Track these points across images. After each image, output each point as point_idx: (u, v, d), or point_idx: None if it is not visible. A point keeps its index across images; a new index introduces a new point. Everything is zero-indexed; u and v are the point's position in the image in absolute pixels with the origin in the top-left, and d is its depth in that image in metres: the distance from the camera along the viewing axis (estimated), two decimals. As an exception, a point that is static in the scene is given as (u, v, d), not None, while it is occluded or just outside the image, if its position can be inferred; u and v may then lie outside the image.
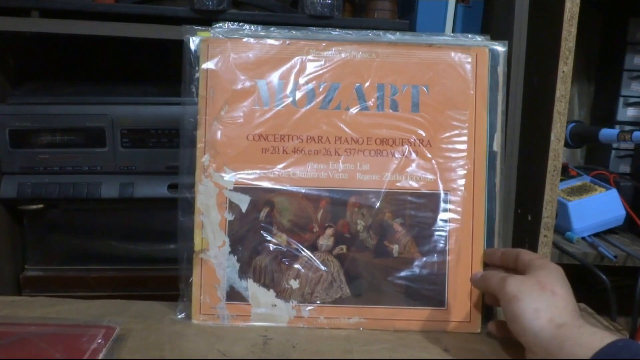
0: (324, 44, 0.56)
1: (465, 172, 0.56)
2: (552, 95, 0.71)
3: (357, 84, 0.56)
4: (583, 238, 0.87)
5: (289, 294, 0.55)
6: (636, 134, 0.78)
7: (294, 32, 0.58)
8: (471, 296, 0.55)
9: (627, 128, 0.99)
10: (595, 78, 1.13)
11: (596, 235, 0.88)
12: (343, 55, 0.56)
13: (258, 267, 0.55)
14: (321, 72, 0.56)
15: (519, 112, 0.71)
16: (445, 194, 0.56)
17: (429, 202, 0.56)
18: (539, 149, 0.73)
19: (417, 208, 0.56)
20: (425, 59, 0.56)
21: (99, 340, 0.48)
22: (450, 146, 0.56)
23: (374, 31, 0.59)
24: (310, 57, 0.56)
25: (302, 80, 0.56)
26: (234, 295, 0.55)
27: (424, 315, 0.55)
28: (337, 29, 0.59)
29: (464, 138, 0.56)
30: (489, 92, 0.56)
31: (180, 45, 0.68)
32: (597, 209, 0.87)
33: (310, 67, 0.56)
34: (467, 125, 0.56)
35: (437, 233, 0.56)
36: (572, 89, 1.11)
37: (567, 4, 0.70)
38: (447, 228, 0.56)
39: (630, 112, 1.03)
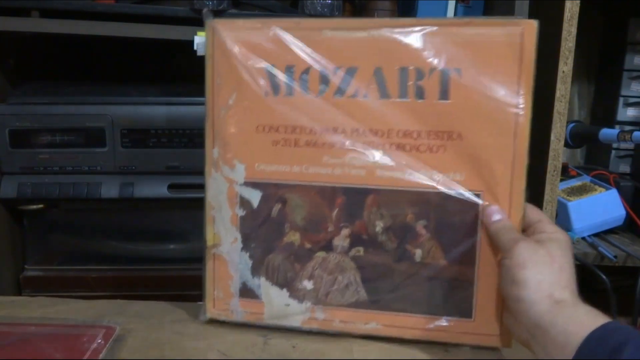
0: (339, 23, 0.50)
1: (502, 170, 0.48)
2: (552, 95, 0.71)
3: (376, 68, 0.49)
4: (583, 238, 0.87)
5: (303, 295, 0.52)
6: (636, 134, 0.78)
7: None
8: (502, 307, 0.49)
9: (627, 128, 0.99)
10: (595, 78, 1.13)
11: (596, 235, 0.88)
12: (361, 34, 0.49)
13: (271, 265, 0.52)
14: (336, 55, 0.50)
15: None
16: (478, 195, 0.49)
17: (458, 202, 0.49)
18: (539, 149, 0.73)
19: (443, 209, 0.49)
20: (459, 37, 0.48)
21: (99, 341, 0.48)
22: (485, 140, 0.48)
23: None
24: (323, 38, 0.50)
25: (315, 65, 0.50)
26: (247, 292, 0.52)
27: (449, 325, 0.50)
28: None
29: (503, 131, 0.47)
30: (534, 75, 0.47)
31: (180, 45, 0.68)
32: (597, 209, 0.87)
33: (324, 49, 0.50)
34: (506, 115, 0.47)
35: (466, 237, 0.49)
36: (572, 89, 1.11)
37: (567, 4, 0.70)
38: (478, 232, 0.49)
39: (630, 112, 1.03)
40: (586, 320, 0.40)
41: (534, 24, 0.47)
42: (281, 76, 0.50)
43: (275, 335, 0.52)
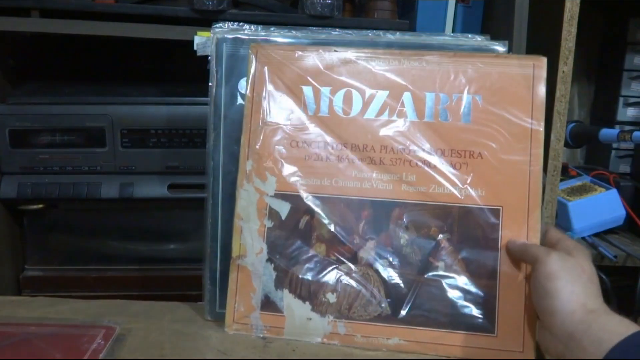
0: (372, 52, 0.55)
1: (520, 186, 0.51)
2: (552, 95, 0.71)
3: (405, 93, 0.54)
4: (583, 238, 0.87)
5: (326, 308, 0.52)
6: (636, 134, 0.78)
7: (294, 32, 0.58)
8: (525, 322, 0.50)
9: (627, 128, 0.99)
10: (595, 78, 1.13)
11: (596, 235, 0.88)
12: (392, 63, 0.54)
13: (295, 277, 0.52)
14: (369, 79, 0.54)
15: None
16: (498, 210, 0.51)
17: (480, 217, 0.51)
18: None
19: (465, 223, 0.52)
20: (479, 68, 0.54)
21: (99, 341, 0.48)
22: (504, 158, 0.52)
23: (374, 31, 0.59)
24: (357, 64, 0.54)
25: (349, 88, 0.54)
26: (268, 305, 0.52)
27: (471, 341, 0.50)
28: (337, 29, 0.59)
29: (519, 151, 0.52)
30: (546, 104, 0.53)
31: (180, 45, 0.68)
32: (597, 209, 0.87)
33: (358, 75, 0.54)
34: (523, 136, 0.52)
35: (487, 251, 0.51)
36: (572, 89, 1.11)
37: (567, 4, 0.70)
38: (499, 246, 0.51)
39: (630, 112, 1.03)
40: (619, 328, 0.40)
41: (543, 60, 0.53)
42: (317, 96, 0.54)
43: (276, 338, 0.52)
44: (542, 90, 0.53)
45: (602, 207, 0.88)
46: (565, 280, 0.44)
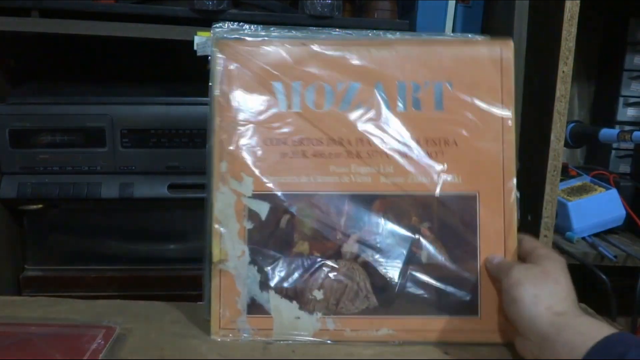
0: (341, 43, 0.54)
1: (494, 171, 0.53)
2: (552, 95, 0.71)
3: (377, 83, 0.53)
4: (583, 238, 0.87)
5: (313, 306, 0.52)
6: (636, 133, 0.78)
7: (294, 32, 0.57)
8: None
9: (627, 128, 0.99)
10: (595, 78, 1.13)
11: (596, 235, 0.88)
12: (362, 53, 0.54)
13: (280, 277, 0.52)
14: (339, 72, 0.53)
15: (519, 112, 0.71)
16: (474, 195, 0.53)
17: (458, 204, 0.52)
18: (539, 149, 0.73)
19: (444, 210, 0.52)
20: (448, 54, 0.54)
21: (99, 341, 0.48)
22: (477, 144, 0.53)
23: (374, 31, 0.59)
24: (327, 57, 0.53)
25: (320, 81, 0.53)
26: (255, 308, 0.52)
27: (457, 324, 0.52)
28: (337, 29, 0.59)
29: (491, 136, 0.53)
30: (515, 86, 0.53)
31: (180, 45, 0.68)
32: (597, 209, 0.87)
33: (328, 67, 0.54)
34: (494, 121, 0.53)
35: (467, 237, 0.52)
36: (572, 89, 1.11)
37: (567, 4, 0.70)
38: (478, 231, 0.52)
39: (630, 112, 1.03)
40: (589, 331, 0.41)
41: (510, 42, 0.54)
42: (288, 92, 0.53)
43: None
44: (510, 73, 0.53)
45: (602, 207, 0.88)
46: (528, 285, 0.45)
